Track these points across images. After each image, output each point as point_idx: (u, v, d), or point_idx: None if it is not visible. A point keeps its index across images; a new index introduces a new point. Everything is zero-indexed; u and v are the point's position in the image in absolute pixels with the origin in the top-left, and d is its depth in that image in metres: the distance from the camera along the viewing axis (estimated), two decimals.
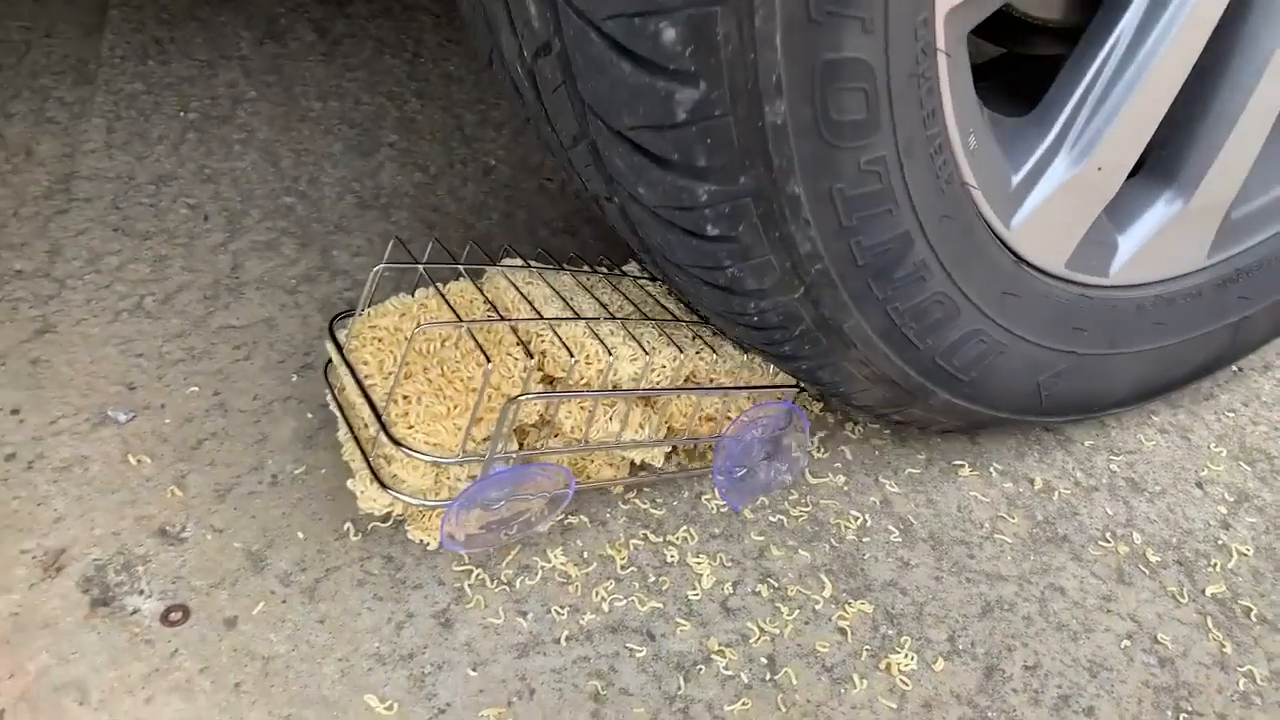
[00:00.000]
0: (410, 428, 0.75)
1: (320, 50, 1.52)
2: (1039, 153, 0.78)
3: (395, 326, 0.82)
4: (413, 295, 0.86)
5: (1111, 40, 0.75)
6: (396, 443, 0.74)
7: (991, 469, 0.95)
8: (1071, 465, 0.96)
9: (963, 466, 0.95)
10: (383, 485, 0.75)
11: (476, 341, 0.76)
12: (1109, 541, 0.89)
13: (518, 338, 0.78)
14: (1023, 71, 0.94)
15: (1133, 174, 0.83)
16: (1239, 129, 0.82)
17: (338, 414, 0.82)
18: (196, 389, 0.92)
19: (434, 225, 1.18)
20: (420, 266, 0.84)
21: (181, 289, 1.03)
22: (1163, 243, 0.88)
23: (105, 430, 0.86)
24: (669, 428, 0.86)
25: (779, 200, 0.65)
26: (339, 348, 0.81)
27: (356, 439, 0.79)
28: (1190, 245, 0.91)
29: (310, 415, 0.90)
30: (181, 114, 1.33)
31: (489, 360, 0.73)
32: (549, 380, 0.81)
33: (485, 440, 0.77)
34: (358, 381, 0.78)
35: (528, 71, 0.68)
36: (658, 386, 0.82)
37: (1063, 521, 0.90)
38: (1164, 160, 0.86)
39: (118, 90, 1.36)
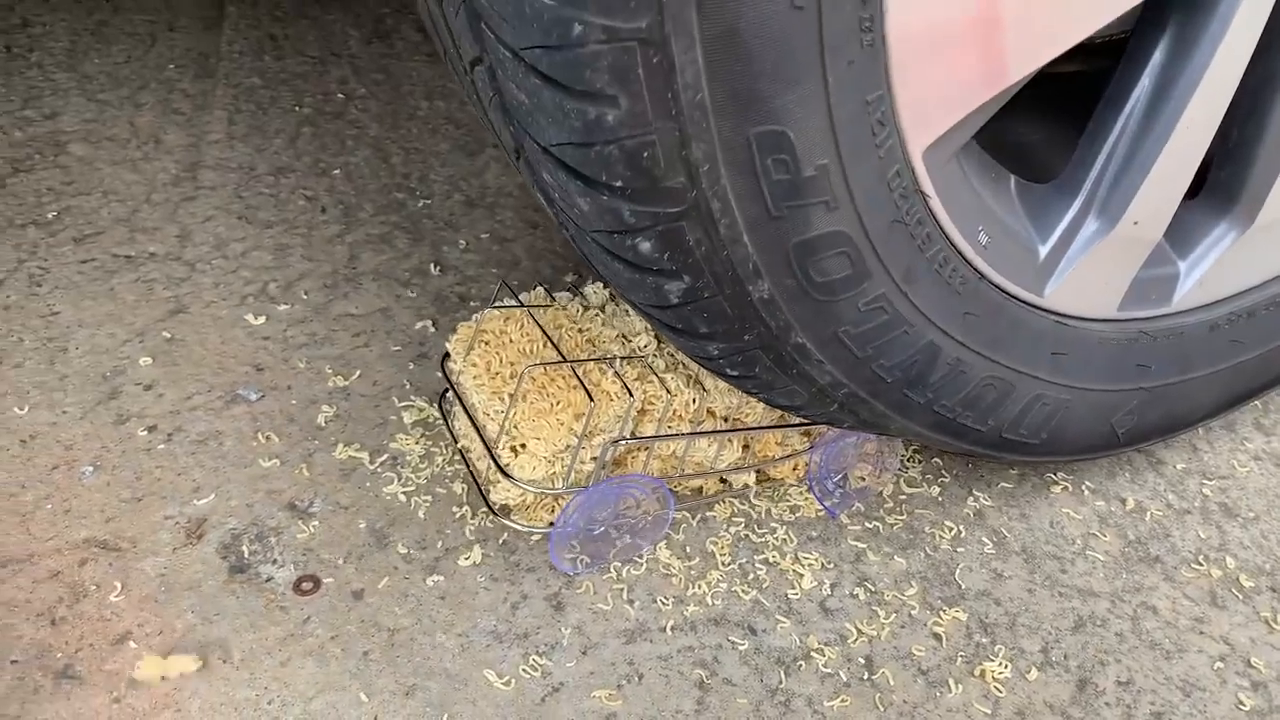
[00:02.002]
0: (515, 425, 0.79)
1: (425, 50, 1.57)
2: (1067, 220, 0.77)
3: (500, 330, 0.86)
4: (515, 293, 0.90)
5: (1133, 98, 0.73)
6: (507, 475, 0.79)
7: (1084, 487, 0.96)
8: (1163, 487, 0.97)
9: (1055, 483, 0.96)
10: (494, 513, 0.82)
11: (580, 381, 0.79)
12: (1201, 565, 0.89)
13: (619, 378, 0.82)
14: (1048, 87, 0.93)
15: (1190, 196, 0.81)
16: None
17: (453, 438, 0.87)
18: (320, 373, 0.97)
19: (537, 225, 1.22)
20: (525, 307, 0.88)
21: (302, 276, 1.09)
22: (1235, 259, 0.85)
23: (237, 408, 0.92)
24: (762, 456, 0.89)
25: (786, 350, 0.68)
26: (452, 385, 0.87)
27: (470, 468, 0.85)
28: (1270, 253, 0.88)
29: (427, 402, 0.94)
30: (296, 108, 1.39)
31: (592, 400, 0.77)
32: (643, 410, 0.84)
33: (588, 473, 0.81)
34: (470, 417, 0.83)
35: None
36: (749, 424, 0.86)
37: (1155, 542, 0.91)
38: (1224, 181, 0.83)
39: (237, 84, 1.42)
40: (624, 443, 0.80)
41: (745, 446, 0.88)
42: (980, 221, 0.71)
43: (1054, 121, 0.93)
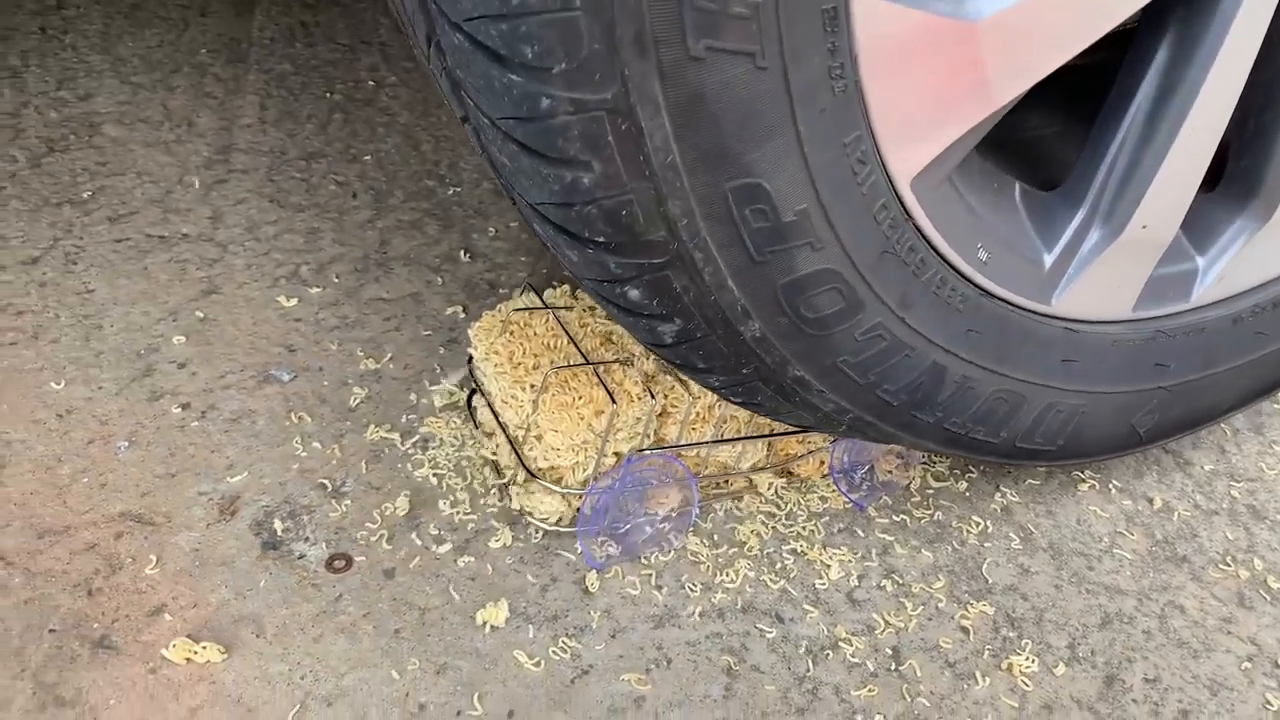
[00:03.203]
0: (536, 411, 0.80)
1: None
2: (1073, 227, 0.76)
3: (525, 321, 0.87)
4: (540, 294, 0.91)
5: (1135, 103, 0.72)
6: (533, 475, 0.80)
7: (1111, 486, 0.96)
8: (1191, 488, 0.97)
9: (1082, 481, 0.96)
10: (523, 512, 0.83)
11: (602, 381, 0.80)
12: (1229, 565, 0.89)
13: (643, 383, 0.82)
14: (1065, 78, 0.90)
15: (1208, 188, 0.79)
16: None
17: (476, 426, 0.88)
18: (351, 355, 0.97)
19: None
20: (549, 308, 0.88)
21: (334, 260, 1.09)
22: (1258, 250, 0.83)
23: (269, 388, 0.92)
24: (784, 454, 0.90)
25: (786, 382, 0.69)
26: (477, 384, 0.88)
27: (498, 470, 0.86)
28: None
29: (458, 387, 0.95)
30: (327, 95, 1.40)
31: (614, 401, 0.78)
32: (665, 412, 0.85)
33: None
34: (494, 413, 0.84)
35: None
36: (771, 427, 0.86)
37: (1182, 542, 0.91)
38: (1242, 173, 0.81)
39: (268, 70, 1.43)
40: (648, 453, 0.80)
41: (768, 445, 0.88)
42: (979, 239, 0.71)
43: (1071, 114, 0.91)
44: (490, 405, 0.85)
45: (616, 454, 0.81)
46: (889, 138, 0.61)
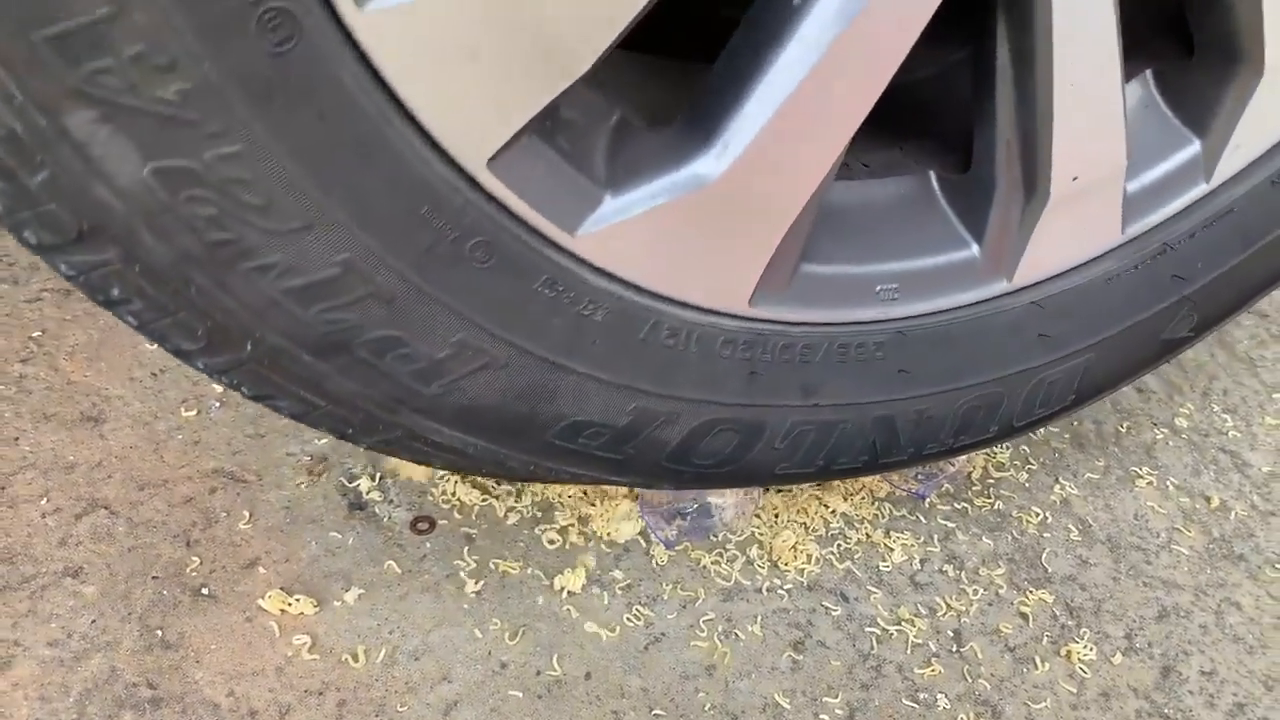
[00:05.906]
0: None
1: None
2: (996, 208, 0.66)
3: None
4: None
5: (997, 49, 0.60)
6: None
7: (1168, 483, 0.97)
8: (1249, 489, 0.98)
9: (1140, 477, 0.97)
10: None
11: None
12: None
13: None
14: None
15: (1185, 55, 0.70)
16: None
17: None
18: None
19: None
20: None
21: None
22: (1269, 102, 0.69)
23: None
24: None
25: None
26: None
27: None
28: None
29: None
30: None
31: None
32: None
33: None
34: None
35: None
36: None
37: (1239, 541, 0.92)
38: (1212, 30, 0.69)
39: None
40: None
41: None
42: (874, 284, 0.65)
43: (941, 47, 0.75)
44: None
45: None
46: (692, 300, 0.60)
